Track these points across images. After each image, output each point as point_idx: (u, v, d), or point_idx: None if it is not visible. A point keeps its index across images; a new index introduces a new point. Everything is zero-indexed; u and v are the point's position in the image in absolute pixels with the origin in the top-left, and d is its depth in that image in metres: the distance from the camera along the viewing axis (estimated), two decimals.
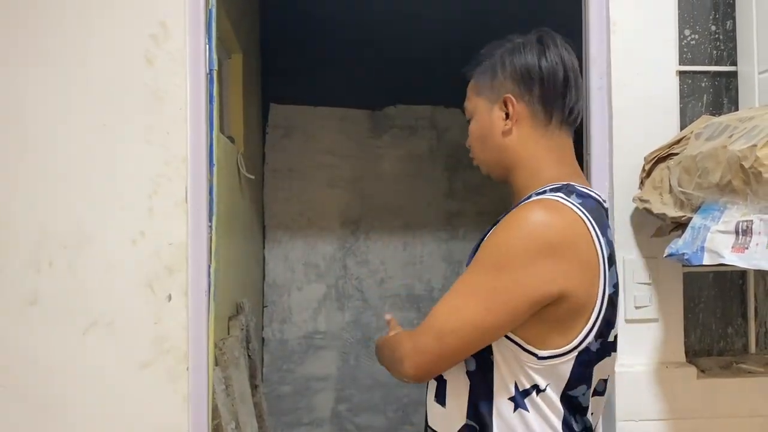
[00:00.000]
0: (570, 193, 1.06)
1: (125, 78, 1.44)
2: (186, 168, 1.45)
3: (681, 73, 1.54)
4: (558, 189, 1.08)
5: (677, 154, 1.37)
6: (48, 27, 1.44)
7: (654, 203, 1.39)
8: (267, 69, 3.36)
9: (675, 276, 1.51)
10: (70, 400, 1.43)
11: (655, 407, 1.47)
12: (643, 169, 1.46)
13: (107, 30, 1.44)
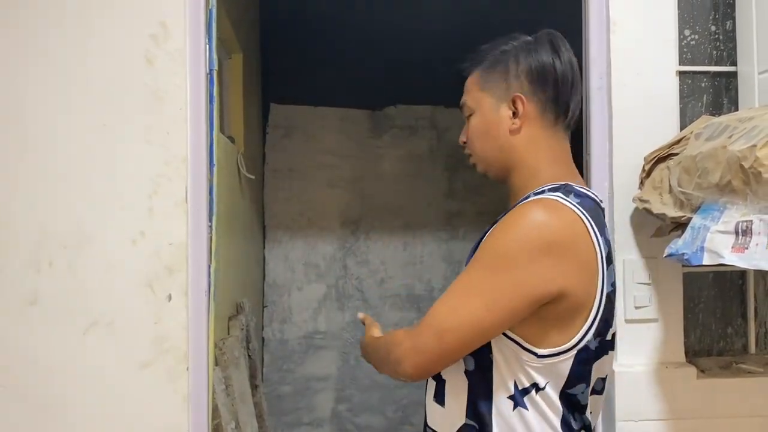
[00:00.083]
0: (568, 193, 1.07)
1: (125, 78, 1.44)
2: (186, 168, 1.45)
3: (681, 74, 1.54)
4: (556, 189, 1.08)
5: (677, 154, 1.37)
6: (48, 27, 1.44)
7: (654, 203, 1.39)
8: (267, 69, 3.36)
9: (675, 276, 1.51)
10: (70, 400, 1.43)
11: (655, 407, 1.47)
12: (643, 170, 1.46)
13: (107, 30, 1.44)
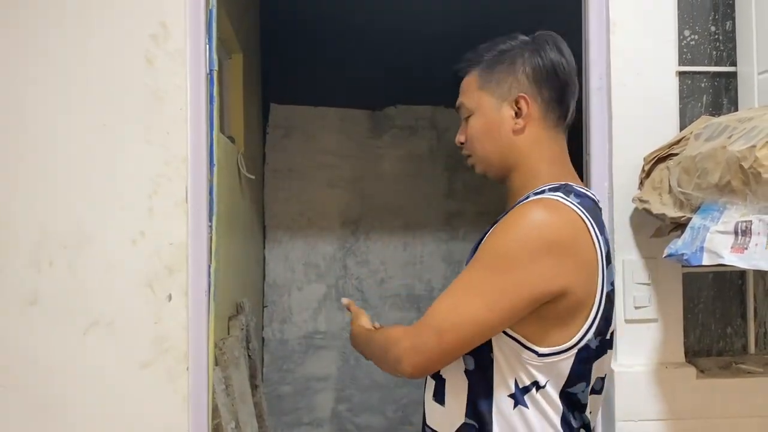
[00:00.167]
0: (569, 193, 1.07)
1: (125, 78, 1.44)
2: (186, 168, 1.45)
3: (680, 74, 1.54)
4: (557, 189, 1.09)
5: (677, 154, 1.37)
6: (48, 27, 1.44)
7: (653, 203, 1.39)
8: (267, 69, 3.36)
9: (674, 276, 1.51)
10: (70, 400, 1.43)
11: (655, 407, 1.47)
12: (643, 170, 1.46)
13: (107, 30, 1.44)
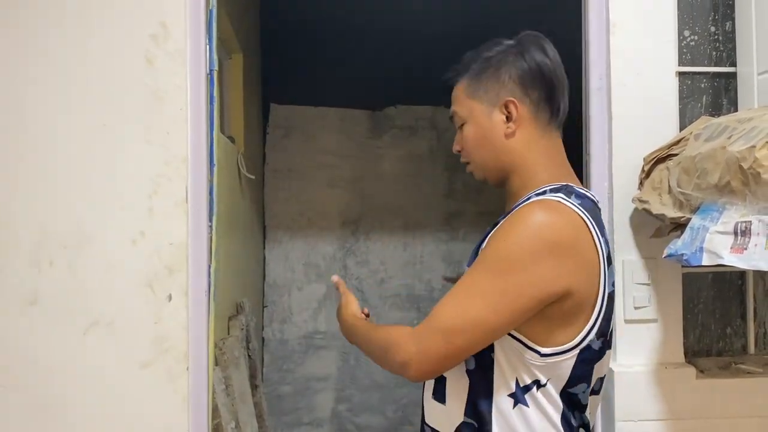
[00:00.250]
0: (570, 194, 1.08)
1: (125, 78, 1.45)
2: (186, 168, 1.45)
3: (680, 74, 1.55)
4: (558, 190, 1.09)
5: (676, 154, 1.37)
6: (48, 27, 1.44)
7: (653, 204, 1.39)
8: (267, 69, 3.36)
9: (674, 276, 1.52)
10: (70, 400, 1.43)
11: (654, 407, 1.47)
12: (643, 170, 1.46)
13: (107, 30, 1.45)
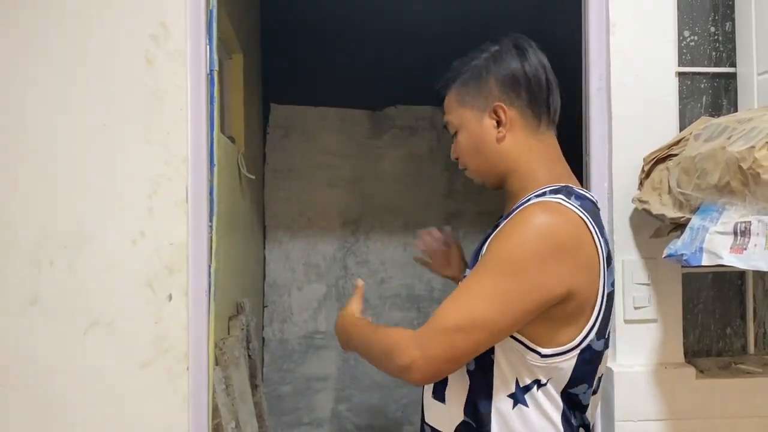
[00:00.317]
0: (570, 195, 1.08)
1: (125, 78, 1.45)
2: (186, 168, 1.45)
3: (680, 75, 1.55)
4: (558, 191, 1.09)
5: (676, 155, 1.37)
6: (48, 27, 1.44)
7: (653, 204, 1.39)
8: (267, 69, 3.36)
9: (674, 277, 1.52)
10: (70, 400, 1.43)
11: (654, 407, 1.47)
12: (642, 170, 1.46)
13: (107, 30, 1.45)
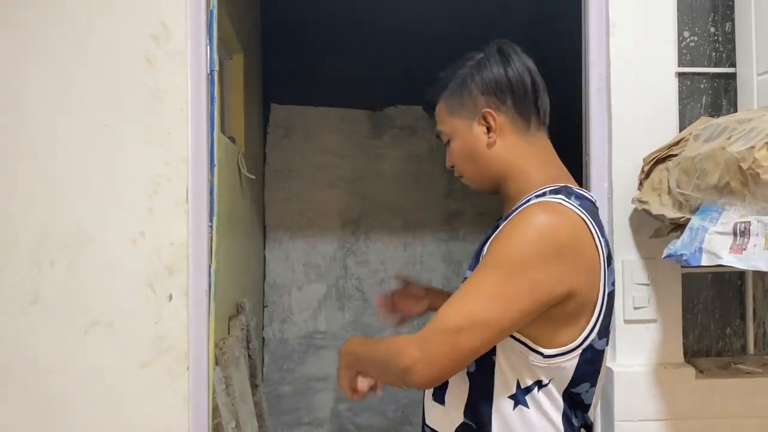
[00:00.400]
0: (569, 195, 1.08)
1: (125, 78, 1.45)
2: (187, 168, 1.45)
3: (680, 75, 1.54)
4: (558, 191, 1.09)
5: (676, 155, 1.37)
6: (48, 27, 1.44)
7: (653, 204, 1.39)
8: (268, 69, 3.36)
9: (674, 277, 1.52)
10: (70, 400, 1.43)
11: (654, 407, 1.47)
12: (642, 171, 1.46)
13: (107, 30, 1.45)
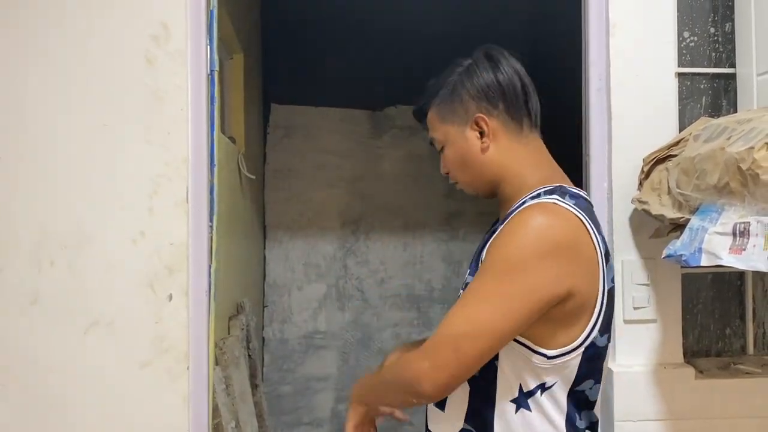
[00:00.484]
0: (564, 195, 1.09)
1: (125, 78, 1.45)
2: (187, 168, 1.45)
3: (680, 75, 1.55)
4: (552, 191, 1.10)
5: (676, 155, 1.37)
6: (48, 27, 1.44)
7: (652, 204, 1.39)
8: (268, 69, 3.36)
9: (673, 277, 1.52)
10: (70, 400, 1.43)
11: (654, 408, 1.47)
12: (642, 171, 1.46)
13: (107, 30, 1.45)
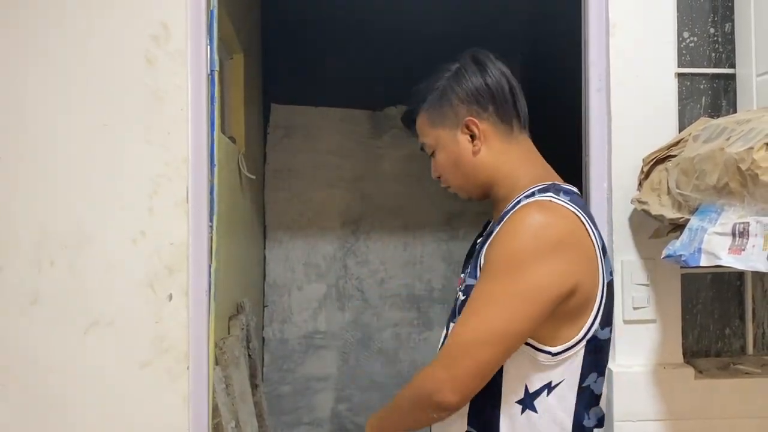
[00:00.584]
0: (558, 192, 1.10)
1: (125, 78, 1.45)
2: (187, 168, 1.45)
3: (680, 75, 1.55)
4: (546, 189, 1.11)
5: (675, 155, 1.37)
6: (48, 27, 1.44)
7: (652, 205, 1.39)
8: (268, 69, 3.37)
9: (673, 277, 1.52)
10: (70, 400, 1.43)
11: (653, 408, 1.47)
12: (642, 171, 1.46)
13: (107, 30, 1.45)
